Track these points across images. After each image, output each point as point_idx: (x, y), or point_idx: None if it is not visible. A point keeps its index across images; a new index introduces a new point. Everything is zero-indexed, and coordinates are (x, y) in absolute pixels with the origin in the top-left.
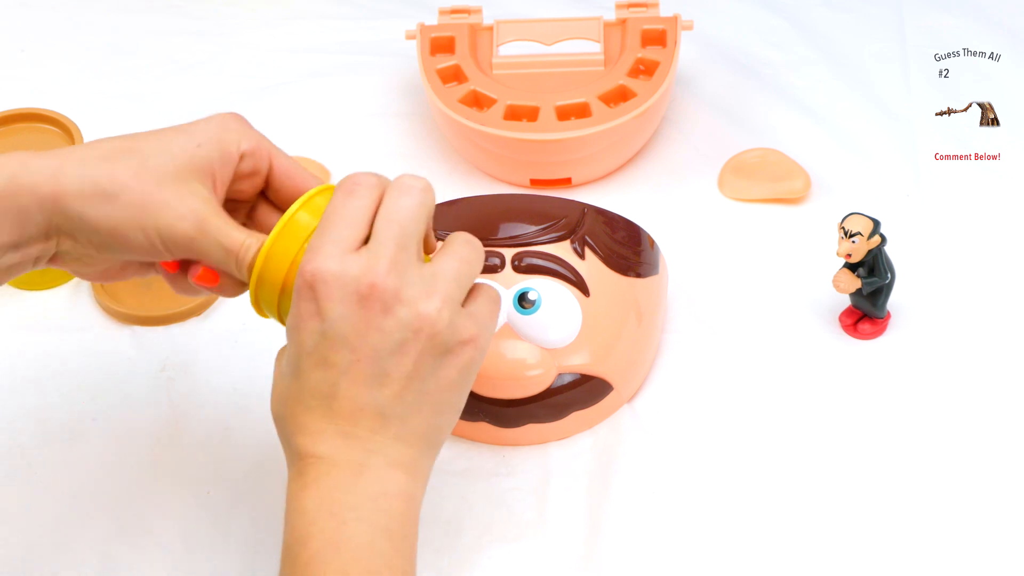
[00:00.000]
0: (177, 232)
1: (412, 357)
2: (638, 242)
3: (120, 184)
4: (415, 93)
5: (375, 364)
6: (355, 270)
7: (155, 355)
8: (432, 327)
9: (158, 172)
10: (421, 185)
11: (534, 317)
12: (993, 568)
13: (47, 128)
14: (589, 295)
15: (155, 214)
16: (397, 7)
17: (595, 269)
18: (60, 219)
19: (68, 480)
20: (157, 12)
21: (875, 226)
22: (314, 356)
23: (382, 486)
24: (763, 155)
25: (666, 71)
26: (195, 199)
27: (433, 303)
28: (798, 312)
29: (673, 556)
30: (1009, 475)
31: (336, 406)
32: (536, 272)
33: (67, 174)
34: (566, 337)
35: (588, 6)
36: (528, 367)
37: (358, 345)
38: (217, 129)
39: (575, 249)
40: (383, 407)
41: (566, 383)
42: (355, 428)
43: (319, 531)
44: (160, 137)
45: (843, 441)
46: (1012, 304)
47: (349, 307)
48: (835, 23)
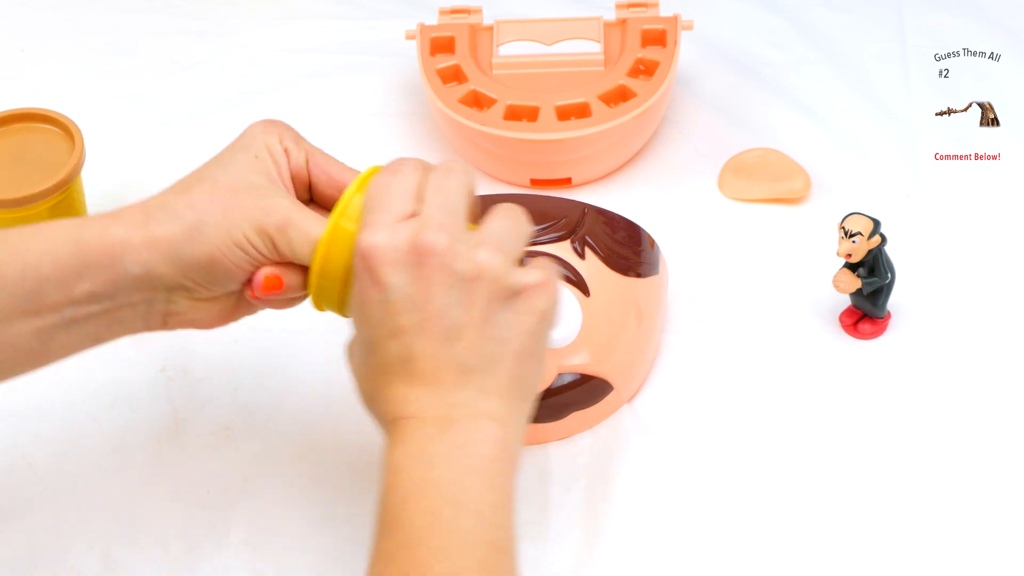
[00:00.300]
0: (269, 227)
1: (479, 306)
2: (638, 242)
3: (202, 208)
4: (415, 93)
5: (444, 319)
6: (407, 235)
7: (155, 355)
8: (491, 273)
9: (231, 187)
10: (463, 167)
11: None
12: (993, 568)
13: (47, 128)
14: (589, 295)
15: (241, 220)
16: (397, 7)
17: (595, 269)
18: (162, 267)
19: (68, 480)
20: (157, 12)
21: (875, 226)
22: (384, 327)
23: (470, 435)
24: (763, 155)
25: (666, 71)
26: (275, 196)
27: (486, 251)
28: (798, 312)
29: (673, 556)
30: (1009, 475)
31: (416, 369)
32: None
33: (155, 219)
34: (566, 337)
35: (588, 6)
36: None
37: (423, 304)
38: (263, 136)
39: (575, 249)
40: (462, 360)
41: (566, 383)
42: (438, 385)
43: (407, 477)
44: (217, 161)
45: (843, 441)
46: (1012, 304)
47: (407, 270)
48: (835, 23)
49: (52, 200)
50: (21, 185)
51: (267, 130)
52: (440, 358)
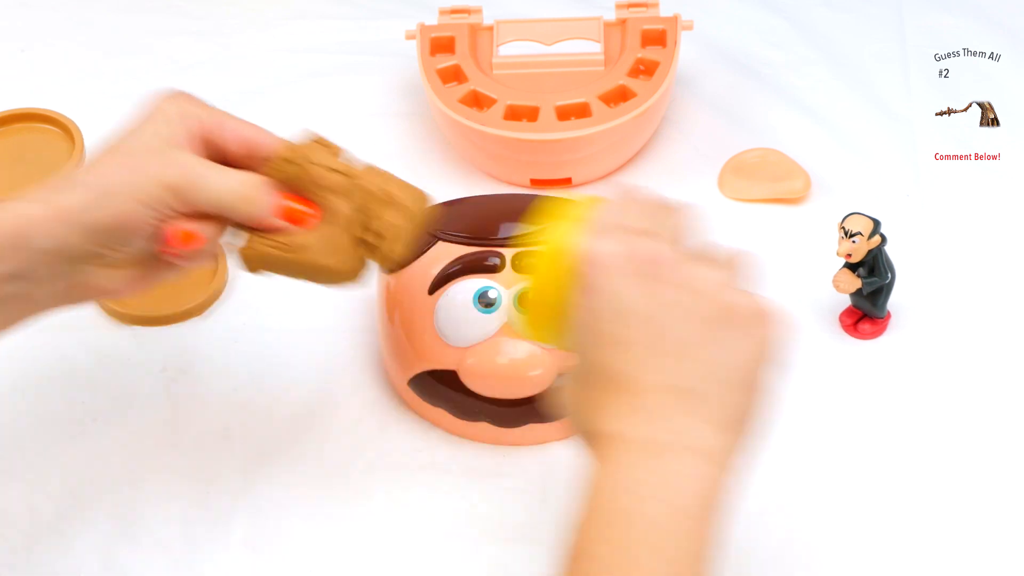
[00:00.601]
0: (175, 180)
1: (697, 325)
2: None
3: (106, 173)
4: (415, 93)
5: (659, 333)
6: (634, 245)
7: (155, 355)
8: (714, 292)
9: (135, 151)
10: (685, 205)
11: None
12: (993, 568)
13: (47, 128)
14: None
15: (145, 179)
16: (397, 7)
17: None
18: (72, 237)
19: (68, 480)
20: (157, 12)
21: (875, 226)
22: (603, 335)
23: (680, 467)
24: (763, 155)
25: (666, 71)
26: (178, 153)
27: (711, 270)
28: (798, 312)
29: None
30: (1009, 475)
31: (631, 383)
32: None
33: (60, 190)
34: None
35: (588, 6)
36: (529, 367)
37: (646, 314)
38: (168, 105)
39: None
40: (677, 379)
41: None
42: (650, 404)
43: (608, 504)
44: (123, 133)
45: (843, 441)
46: (1012, 304)
47: (634, 279)
48: (835, 23)
49: None
50: (21, 185)
51: (172, 100)
52: (656, 373)
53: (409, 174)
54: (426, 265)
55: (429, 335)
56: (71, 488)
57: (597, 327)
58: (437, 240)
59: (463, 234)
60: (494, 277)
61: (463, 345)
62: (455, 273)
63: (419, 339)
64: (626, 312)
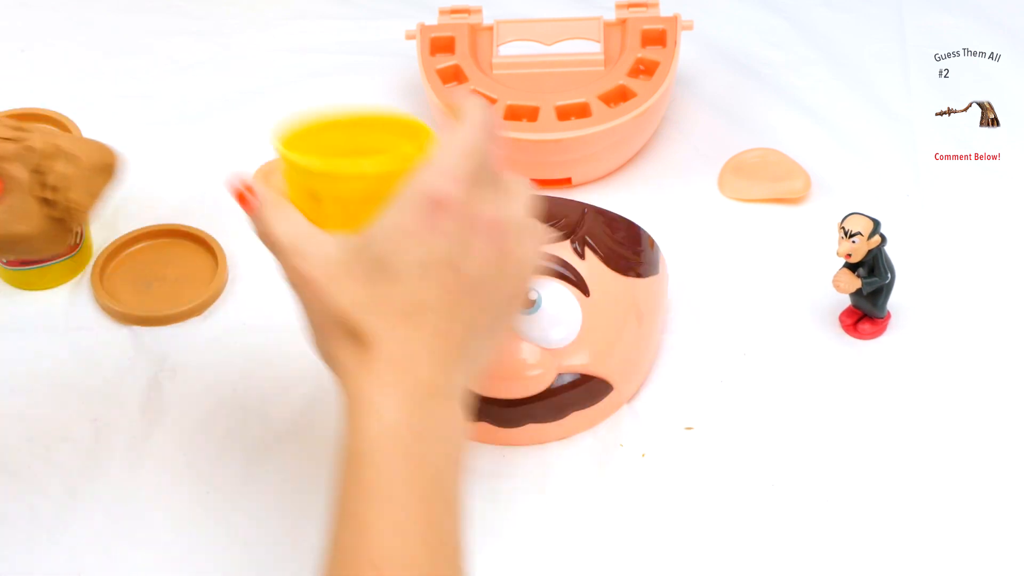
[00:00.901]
0: None
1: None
2: (638, 242)
3: None
4: (415, 93)
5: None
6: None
7: (155, 355)
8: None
9: None
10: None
11: (534, 317)
12: (993, 568)
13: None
14: (589, 295)
15: None
16: (397, 7)
17: (595, 269)
18: None
19: (68, 480)
20: (157, 12)
21: (875, 226)
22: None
23: (446, 415)
24: (763, 155)
25: (666, 71)
26: None
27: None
28: (798, 312)
29: (672, 555)
30: (1009, 475)
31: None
32: None
33: None
34: (566, 337)
35: (588, 6)
36: (528, 367)
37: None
38: None
39: (575, 249)
40: (411, 300)
41: (566, 383)
42: (384, 352)
43: (383, 459)
44: None
45: (843, 441)
46: (1012, 304)
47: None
48: (835, 23)
49: None
50: None
51: None
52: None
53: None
54: None
55: None
56: (70, 488)
57: (400, 252)
58: None
59: None
60: None
61: None
62: None
63: None
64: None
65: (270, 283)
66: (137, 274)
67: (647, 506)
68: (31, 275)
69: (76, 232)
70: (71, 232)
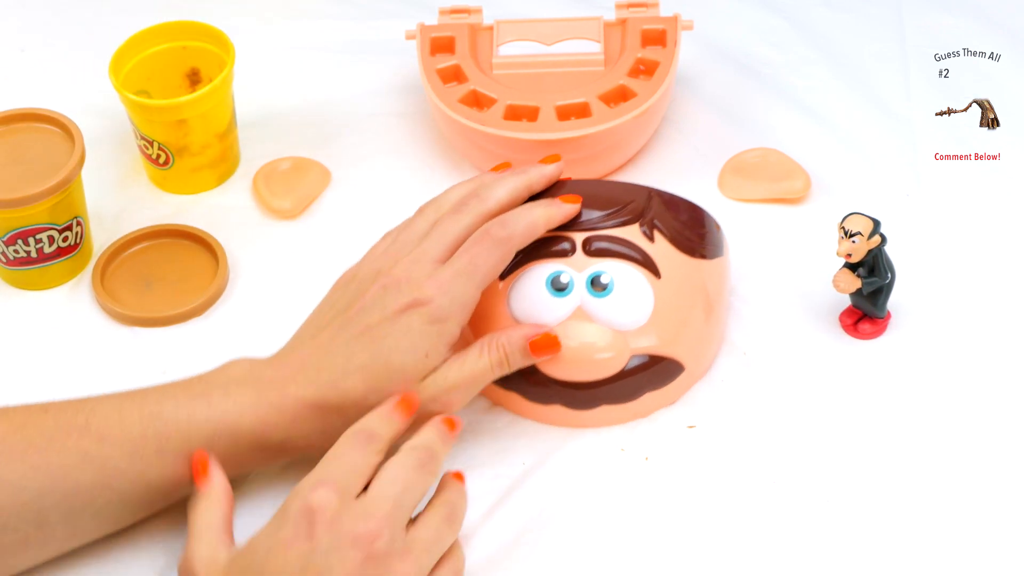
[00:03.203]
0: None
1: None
2: (702, 224)
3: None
4: (415, 93)
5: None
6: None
7: (155, 356)
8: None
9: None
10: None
11: (607, 300)
12: (993, 568)
13: (47, 128)
14: (660, 277)
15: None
16: (397, 7)
17: (664, 251)
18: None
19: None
20: (157, 12)
21: (875, 226)
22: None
23: None
24: (763, 155)
25: (666, 71)
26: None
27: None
28: (798, 312)
29: (673, 553)
30: (1009, 475)
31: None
32: (607, 255)
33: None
34: (639, 318)
35: (588, 6)
36: (601, 349)
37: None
38: None
39: (644, 232)
40: None
41: (638, 364)
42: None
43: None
44: None
45: (844, 440)
46: (1012, 304)
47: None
48: (835, 23)
49: (52, 200)
50: (21, 185)
51: None
52: None
53: (409, 174)
54: None
55: (504, 320)
56: None
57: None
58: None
59: None
60: (565, 261)
61: None
62: (527, 258)
63: (494, 324)
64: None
65: (270, 283)
66: (137, 274)
67: (648, 503)
68: (31, 275)
69: (76, 232)
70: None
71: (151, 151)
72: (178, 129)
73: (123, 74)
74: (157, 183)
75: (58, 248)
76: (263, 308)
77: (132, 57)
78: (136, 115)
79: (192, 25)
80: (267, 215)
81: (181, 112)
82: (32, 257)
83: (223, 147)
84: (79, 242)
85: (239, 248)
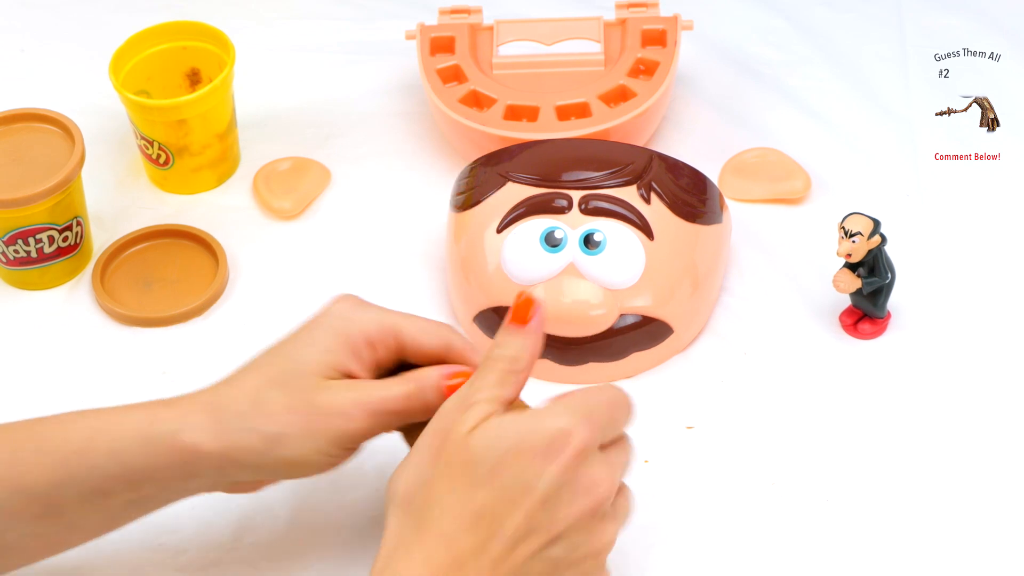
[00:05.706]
0: (354, 432)
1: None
2: (703, 190)
3: (280, 422)
4: (415, 93)
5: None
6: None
7: (155, 356)
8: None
9: (306, 395)
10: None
11: (599, 257)
12: (993, 568)
13: (47, 128)
14: (653, 239)
15: (322, 435)
16: (397, 7)
17: (660, 214)
18: (239, 473)
19: None
20: (157, 12)
21: (875, 226)
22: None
23: None
24: (763, 155)
25: (666, 71)
26: (350, 394)
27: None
28: (798, 312)
29: (672, 553)
30: (1009, 475)
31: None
32: (602, 214)
33: (229, 429)
34: (629, 278)
35: (588, 6)
36: (591, 306)
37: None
38: (338, 322)
39: (641, 194)
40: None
41: (628, 324)
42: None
43: None
44: (286, 358)
45: (843, 440)
46: (1012, 304)
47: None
48: (835, 23)
49: (52, 200)
50: (21, 185)
51: (344, 315)
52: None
53: (409, 173)
54: (496, 205)
55: (496, 272)
56: None
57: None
58: (507, 181)
59: (532, 176)
60: (561, 218)
61: (528, 283)
62: (524, 213)
63: (486, 276)
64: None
65: (270, 283)
66: (137, 275)
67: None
68: (31, 275)
69: (76, 232)
70: None
71: (151, 151)
72: (178, 129)
73: (123, 74)
74: (157, 183)
75: (58, 248)
76: (263, 308)
77: (132, 57)
78: (136, 115)
79: (192, 25)
80: (267, 215)
81: (181, 112)
82: (32, 257)
83: (223, 147)
84: (79, 242)
85: (239, 248)
